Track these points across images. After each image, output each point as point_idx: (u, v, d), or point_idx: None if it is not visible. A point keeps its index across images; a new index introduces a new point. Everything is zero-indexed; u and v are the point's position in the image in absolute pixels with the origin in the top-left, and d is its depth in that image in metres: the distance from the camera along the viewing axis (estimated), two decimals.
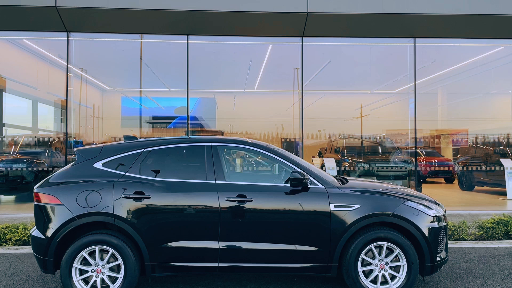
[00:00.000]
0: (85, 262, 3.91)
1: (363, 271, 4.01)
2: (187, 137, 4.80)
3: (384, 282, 4.02)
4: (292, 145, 12.55)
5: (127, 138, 4.61)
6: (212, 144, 4.34)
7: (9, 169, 10.03)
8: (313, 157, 13.95)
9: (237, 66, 13.69)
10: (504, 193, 10.63)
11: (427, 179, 14.59)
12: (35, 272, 4.93)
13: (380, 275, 4.01)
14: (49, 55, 11.74)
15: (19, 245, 6.15)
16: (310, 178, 4.16)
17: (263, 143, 4.58)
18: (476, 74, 13.54)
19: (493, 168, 11.35)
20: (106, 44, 11.05)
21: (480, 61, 12.48)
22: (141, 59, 11.78)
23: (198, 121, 14.28)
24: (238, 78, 14.46)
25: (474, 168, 12.39)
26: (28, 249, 5.90)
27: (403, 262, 4.00)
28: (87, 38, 10.20)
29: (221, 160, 4.29)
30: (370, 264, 4.03)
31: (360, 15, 9.16)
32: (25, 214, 7.96)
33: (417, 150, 10.78)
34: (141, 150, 4.27)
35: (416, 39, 10.12)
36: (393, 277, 4.02)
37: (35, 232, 4.08)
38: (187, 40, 9.91)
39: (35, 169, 10.10)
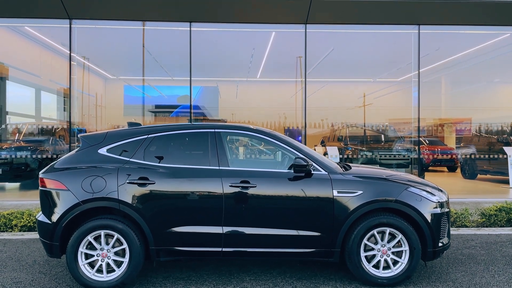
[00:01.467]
0: (90, 246, 3.95)
1: (366, 256, 4.05)
2: (190, 123, 4.81)
3: (387, 267, 4.05)
4: (294, 134, 12.56)
5: (131, 124, 4.63)
6: (216, 130, 4.35)
7: (13, 156, 10.08)
8: (316, 145, 13.97)
9: (240, 54, 13.63)
10: (506, 181, 10.64)
11: (430, 168, 14.60)
12: (41, 257, 4.99)
13: (382, 260, 4.04)
14: (51, 43, 11.72)
15: (24, 231, 6.21)
16: (314, 164, 4.17)
17: (266, 129, 4.59)
18: (480, 62, 13.45)
19: (496, 157, 11.34)
20: (109, 31, 11.01)
21: (485, 49, 12.38)
22: (143, 46, 11.75)
23: (200, 110, 14.27)
24: (240, 67, 14.42)
25: (477, 157, 12.38)
26: (34, 235, 5.97)
27: (405, 247, 4.03)
28: (90, 26, 10.17)
29: (224, 146, 4.31)
30: (373, 249, 4.05)
31: (364, 1, 9.07)
32: (30, 201, 8.03)
33: (420, 138, 10.77)
34: (145, 136, 4.29)
35: (421, 26, 10.03)
36: (395, 262, 4.05)
37: (41, 217, 4.12)
38: (190, 28, 9.86)
39: (39, 156, 10.15)
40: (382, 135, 13.60)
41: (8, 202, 8.07)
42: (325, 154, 10.45)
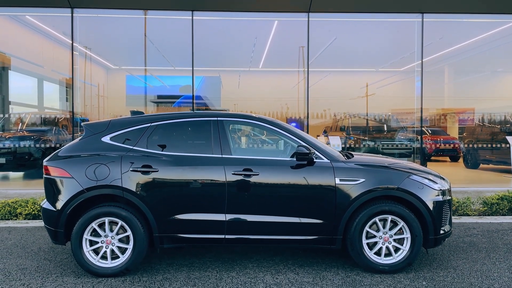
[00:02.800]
0: (95, 233, 3.99)
1: (368, 243, 4.08)
2: (193, 112, 4.82)
3: (388, 254, 4.08)
4: (299, 125, 12.54)
5: (134, 113, 4.64)
6: (218, 118, 4.36)
7: (16, 145, 10.12)
8: (318, 135, 13.96)
9: (242, 44, 13.57)
10: (509, 171, 10.63)
11: (432, 158, 14.60)
12: (46, 244, 5.05)
13: (384, 247, 4.07)
14: (53, 32, 11.69)
15: (29, 219, 6.27)
16: (316, 152, 4.18)
17: (269, 118, 4.60)
18: (484, 52, 13.35)
19: (498, 146, 11.32)
20: (110, 21, 10.96)
21: (489, 38, 12.28)
22: (145, 36, 11.70)
23: (202, 100, 14.25)
24: (243, 56, 14.36)
25: (480, 146, 12.35)
26: (38, 223, 6.03)
27: (407, 234, 4.05)
28: (91, 15, 10.11)
29: (227, 134, 4.32)
30: (375, 236, 4.08)
31: None
32: (34, 190, 8.08)
33: (422, 128, 10.75)
34: (148, 125, 4.30)
35: (424, 14, 9.93)
36: (397, 249, 4.08)
37: (46, 204, 4.16)
38: (192, 16, 9.79)
39: (42, 145, 10.19)
40: (385, 125, 13.59)
41: (12, 191, 8.13)
42: (327, 143, 10.46)
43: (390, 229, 4.08)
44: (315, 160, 4.15)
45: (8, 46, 11.78)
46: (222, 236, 4.07)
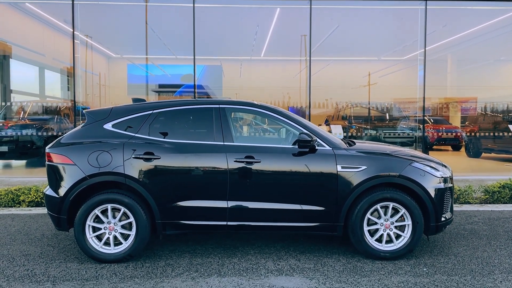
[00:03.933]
0: (97, 220, 4.02)
1: (369, 230, 4.10)
2: (195, 99, 4.81)
3: (389, 241, 4.10)
4: (298, 114, 12.50)
5: (135, 100, 4.64)
6: (220, 106, 4.36)
7: (19, 134, 10.14)
8: (320, 124, 13.93)
9: (244, 32, 13.48)
10: (511, 160, 10.62)
11: (434, 147, 14.58)
12: (49, 231, 5.08)
13: (385, 234, 4.09)
14: (54, 20, 11.62)
15: (32, 206, 6.31)
16: (318, 139, 4.18)
17: (270, 105, 4.59)
18: (488, 40, 13.23)
19: (500, 135, 11.29)
20: (112, 8, 10.88)
21: (492, 26, 12.16)
22: (146, 24, 11.62)
23: (204, 90, 14.21)
24: (244, 45, 14.28)
25: (482, 135, 12.32)
26: (41, 210, 6.07)
27: (408, 221, 4.06)
28: (92, 2, 10.04)
29: (229, 122, 4.31)
30: (376, 223, 4.10)
31: None
32: (37, 177, 8.14)
33: (425, 117, 10.72)
34: (150, 112, 4.30)
35: (428, 1, 9.82)
36: (398, 236, 4.10)
37: (49, 191, 4.18)
38: (193, 4, 9.72)
39: (44, 134, 10.21)
40: (387, 114, 13.55)
41: (15, 179, 8.18)
42: (329, 132, 10.45)
43: (392, 216, 4.10)
44: (317, 147, 4.14)
45: (9, 34, 11.73)
46: (224, 223, 4.09)
